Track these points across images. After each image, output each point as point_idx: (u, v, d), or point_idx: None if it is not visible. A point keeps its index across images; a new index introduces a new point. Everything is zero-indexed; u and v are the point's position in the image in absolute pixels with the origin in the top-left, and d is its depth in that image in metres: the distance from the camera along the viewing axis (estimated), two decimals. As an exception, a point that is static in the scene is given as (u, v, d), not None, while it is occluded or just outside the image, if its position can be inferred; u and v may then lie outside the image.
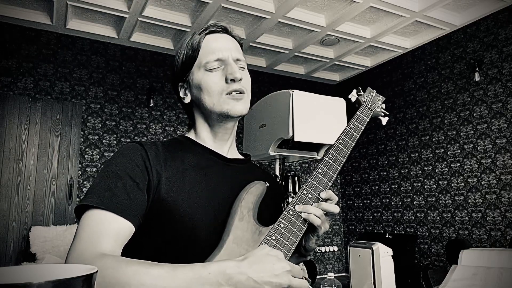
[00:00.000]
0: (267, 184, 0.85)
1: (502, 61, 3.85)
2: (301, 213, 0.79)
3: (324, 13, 4.09)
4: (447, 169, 4.30)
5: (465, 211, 4.07)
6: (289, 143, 2.28)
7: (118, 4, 3.81)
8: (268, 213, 0.85)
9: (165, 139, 1.01)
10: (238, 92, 0.86)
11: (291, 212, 0.78)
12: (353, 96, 1.03)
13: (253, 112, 2.43)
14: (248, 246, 0.75)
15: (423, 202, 4.54)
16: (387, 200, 5.06)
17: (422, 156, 4.60)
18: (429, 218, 4.46)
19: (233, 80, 0.85)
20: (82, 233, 0.70)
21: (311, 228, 0.82)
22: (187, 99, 0.92)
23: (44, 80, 4.18)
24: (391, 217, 4.97)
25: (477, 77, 3.99)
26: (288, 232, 0.76)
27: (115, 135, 4.47)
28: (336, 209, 0.82)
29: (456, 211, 4.16)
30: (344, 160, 0.88)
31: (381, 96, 1.05)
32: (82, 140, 4.28)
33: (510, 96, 3.76)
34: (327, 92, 2.78)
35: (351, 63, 5.22)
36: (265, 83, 5.46)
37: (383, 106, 1.06)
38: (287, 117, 2.13)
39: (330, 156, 0.87)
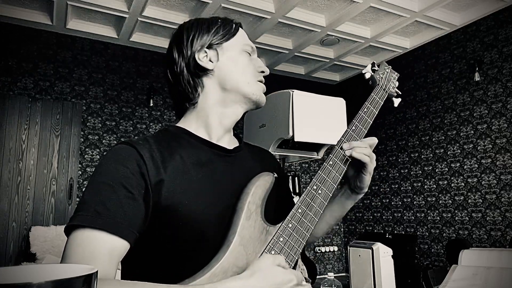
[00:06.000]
0: (275, 175, 0.80)
1: (502, 61, 3.85)
2: (350, 155, 0.81)
3: (324, 13, 4.09)
4: (447, 169, 4.29)
5: (465, 211, 4.07)
6: (289, 143, 2.28)
7: (118, 4, 3.81)
8: (273, 205, 0.82)
9: (154, 133, 0.84)
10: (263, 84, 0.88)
11: (300, 211, 0.76)
12: (367, 72, 0.92)
13: (253, 112, 2.42)
14: (254, 248, 0.72)
15: (423, 202, 4.54)
16: (387, 200, 5.05)
17: (422, 156, 4.60)
18: (429, 218, 4.46)
19: (262, 72, 0.89)
20: (71, 256, 0.63)
21: (361, 167, 0.83)
22: (211, 65, 0.83)
23: (44, 80, 4.18)
24: (391, 217, 4.97)
25: (477, 77, 3.99)
26: (296, 233, 0.75)
27: (115, 135, 4.47)
28: (374, 140, 0.85)
29: (456, 211, 4.16)
30: None
31: (396, 73, 0.95)
32: (82, 140, 4.28)
33: (510, 96, 3.75)
34: (327, 92, 2.77)
35: (351, 63, 5.21)
36: (265, 83, 5.45)
37: (397, 84, 0.96)
38: (287, 117, 2.13)
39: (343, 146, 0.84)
